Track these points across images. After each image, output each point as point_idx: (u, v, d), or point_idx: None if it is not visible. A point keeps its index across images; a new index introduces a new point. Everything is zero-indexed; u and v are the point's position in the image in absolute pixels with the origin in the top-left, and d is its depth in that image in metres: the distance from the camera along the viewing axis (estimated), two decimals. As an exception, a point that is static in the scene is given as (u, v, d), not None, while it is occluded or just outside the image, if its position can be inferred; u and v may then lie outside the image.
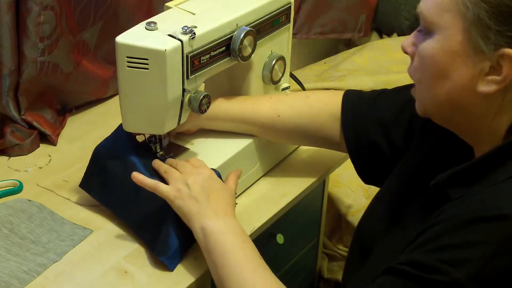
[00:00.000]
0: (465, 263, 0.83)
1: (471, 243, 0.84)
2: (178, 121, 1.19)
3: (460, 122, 0.96)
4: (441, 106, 0.94)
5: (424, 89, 0.95)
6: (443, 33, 0.89)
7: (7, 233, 1.19)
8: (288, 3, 1.33)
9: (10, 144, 1.42)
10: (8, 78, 1.36)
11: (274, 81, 1.36)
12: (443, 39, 0.89)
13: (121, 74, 1.13)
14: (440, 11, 0.89)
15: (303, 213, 1.50)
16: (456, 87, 0.90)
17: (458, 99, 0.91)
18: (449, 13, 0.88)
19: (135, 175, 1.14)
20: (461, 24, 0.87)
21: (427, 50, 0.91)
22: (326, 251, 1.79)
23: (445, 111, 0.95)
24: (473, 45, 0.87)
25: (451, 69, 0.90)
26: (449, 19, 0.88)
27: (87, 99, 1.60)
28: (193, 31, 1.12)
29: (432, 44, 0.91)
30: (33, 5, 1.31)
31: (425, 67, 0.92)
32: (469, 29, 0.87)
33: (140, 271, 1.13)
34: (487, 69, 0.88)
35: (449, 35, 0.88)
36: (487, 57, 0.87)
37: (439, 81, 0.92)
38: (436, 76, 0.91)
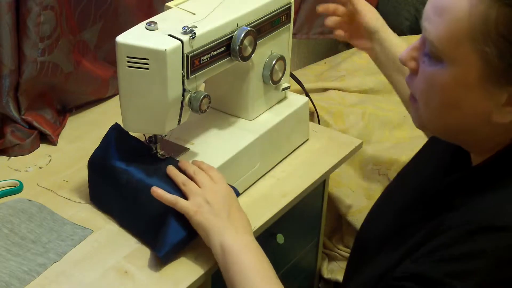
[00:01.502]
0: (471, 275, 0.82)
1: (475, 253, 0.82)
2: (178, 121, 1.19)
3: (464, 140, 0.93)
4: (447, 129, 0.91)
5: (431, 112, 0.90)
6: (457, 66, 0.83)
7: (7, 233, 1.19)
8: (288, 3, 1.33)
9: (10, 144, 1.42)
10: (8, 78, 1.36)
11: (274, 81, 1.36)
12: (457, 72, 0.83)
13: (122, 74, 1.13)
14: (454, 44, 0.82)
15: (303, 213, 1.50)
16: (468, 117, 0.86)
17: (468, 126, 0.88)
18: (464, 48, 0.81)
19: (154, 190, 1.13)
20: (480, 61, 0.81)
21: (437, 79, 0.85)
22: (326, 251, 1.79)
23: (451, 133, 0.92)
24: (491, 81, 0.82)
25: (464, 101, 0.85)
26: (465, 53, 0.81)
27: (87, 99, 1.60)
28: (193, 31, 1.12)
29: (443, 74, 0.85)
30: (33, 5, 1.31)
31: (434, 95, 0.87)
32: (488, 66, 0.81)
33: (140, 271, 1.13)
34: (504, 100, 0.83)
35: (464, 70, 0.83)
36: (505, 90, 0.82)
37: (449, 110, 0.87)
38: (446, 105, 0.87)
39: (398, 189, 1.13)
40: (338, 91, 1.96)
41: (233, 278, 1.04)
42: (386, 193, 1.17)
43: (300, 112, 1.44)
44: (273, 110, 1.41)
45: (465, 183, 0.92)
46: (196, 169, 1.17)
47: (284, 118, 1.39)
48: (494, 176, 0.88)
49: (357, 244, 1.18)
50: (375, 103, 1.92)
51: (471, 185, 0.90)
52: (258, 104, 1.38)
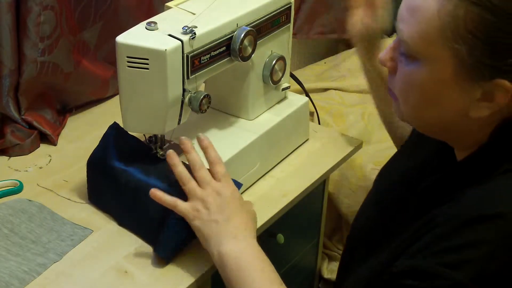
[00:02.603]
0: (466, 264, 0.83)
1: (470, 243, 0.83)
2: (179, 121, 1.19)
3: (445, 135, 0.96)
4: (428, 125, 0.94)
5: (410, 109, 0.93)
6: (431, 64, 0.86)
7: (7, 233, 1.19)
8: (288, 3, 1.33)
9: (10, 144, 1.42)
10: (8, 78, 1.36)
11: (274, 81, 1.36)
12: (431, 70, 0.87)
13: (122, 74, 1.13)
14: (426, 42, 0.85)
15: (303, 213, 1.50)
16: (446, 112, 0.89)
17: (447, 121, 0.91)
18: (437, 45, 0.84)
19: (153, 192, 1.11)
20: (452, 58, 0.84)
21: (414, 77, 0.89)
22: (326, 251, 1.79)
23: (431, 128, 0.95)
24: (464, 77, 0.85)
25: (440, 97, 0.88)
26: (438, 52, 0.85)
27: (87, 99, 1.60)
28: (193, 31, 1.12)
29: (418, 73, 0.88)
30: (33, 5, 1.31)
31: (412, 93, 0.90)
32: (460, 63, 0.84)
33: (140, 271, 1.13)
34: (479, 95, 0.86)
35: (438, 67, 0.86)
36: (479, 86, 0.85)
37: (427, 107, 0.90)
38: (424, 102, 0.90)
39: (382, 186, 1.14)
40: (338, 91, 1.96)
41: (233, 285, 1.03)
42: (371, 191, 1.18)
43: (300, 112, 1.44)
44: (273, 110, 1.41)
45: (452, 178, 0.93)
46: (199, 164, 1.12)
47: (284, 118, 1.39)
48: (479, 169, 0.90)
49: (347, 244, 1.18)
50: (375, 103, 1.92)
51: (458, 180, 0.92)
52: (258, 104, 1.38)
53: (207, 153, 1.14)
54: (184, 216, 1.10)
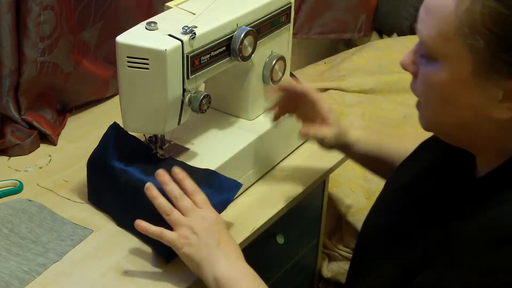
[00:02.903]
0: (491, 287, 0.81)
1: (497, 267, 0.81)
2: (178, 121, 1.19)
3: (467, 141, 0.93)
4: (449, 129, 0.92)
5: (431, 113, 0.92)
6: (450, 62, 0.85)
7: (7, 233, 1.19)
8: (288, 3, 1.33)
9: (10, 144, 1.42)
10: (8, 78, 1.36)
11: (274, 81, 1.36)
12: (450, 68, 0.85)
13: (121, 74, 1.13)
14: (445, 41, 0.84)
15: (303, 213, 1.50)
16: (467, 114, 0.87)
17: (468, 124, 0.88)
18: (455, 43, 0.83)
19: (137, 223, 1.09)
20: (470, 55, 0.82)
21: (433, 78, 0.87)
22: (326, 251, 1.79)
23: (452, 132, 0.92)
24: (484, 75, 0.83)
25: (461, 97, 0.86)
26: (456, 49, 0.83)
27: (87, 99, 1.60)
28: (193, 31, 1.12)
29: (438, 72, 0.86)
30: (33, 5, 1.31)
31: (432, 94, 0.89)
32: (479, 60, 0.82)
33: (140, 271, 1.13)
34: (501, 96, 0.83)
35: (457, 66, 0.84)
36: (500, 85, 0.83)
37: (447, 108, 0.88)
38: (445, 103, 0.88)
39: (395, 192, 1.11)
40: (338, 91, 1.96)
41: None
42: (383, 195, 1.15)
43: (300, 112, 1.44)
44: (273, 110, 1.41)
45: (476, 192, 0.90)
46: (179, 194, 1.10)
47: (284, 118, 1.39)
48: (504, 186, 0.87)
49: (358, 248, 1.16)
50: (375, 103, 1.92)
51: (483, 194, 0.89)
52: (258, 104, 1.38)
53: (184, 185, 1.11)
54: (172, 246, 1.07)
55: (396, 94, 1.97)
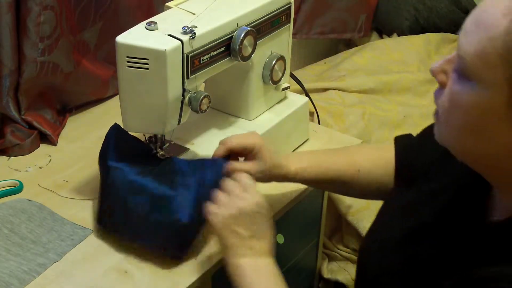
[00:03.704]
0: None
1: None
2: (179, 121, 1.19)
3: (488, 172, 0.87)
4: (468, 155, 0.86)
5: (450, 133, 0.85)
6: (485, 87, 0.78)
7: (7, 233, 1.19)
8: (288, 3, 1.33)
9: (10, 144, 1.42)
10: (8, 78, 1.36)
11: (274, 81, 1.36)
12: (483, 94, 0.78)
13: (121, 74, 1.13)
14: (485, 63, 0.77)
15: (303, 213, 1.50)
16: (491, 145, 0.81)
17: (489, 156, 0.83)
18: (495, 69, 0.76)
19: None
20: (509, 87, 0.76)
21: (462, 99, 0.80)
22: (326, 251, 1.79)
23: (471, 160, 0.87)
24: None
25: (487, 128, 0.80)
26: (495, 76, 0.76)
27: (87, 99, 1.60)
28: (193, 31, 1.12)
29: (469, 94, 0.79)
30: (33, 5, 1.31)
31: (457, 115, 0.82)
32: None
33: (140, 271, 1.13)
34: None
35: (492, 93, 0.77)
36: None
37: (470, 134, 0.82)
38: (469, 130, 0.82)
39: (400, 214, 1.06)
40: (338, 91, 1.96)
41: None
42: (384, 216, 1.11)
43: (300, 112, 1.44)
44: (273, 110, 1.41)
45: (500, 239, 0.85)
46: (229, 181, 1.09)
47: (284, 118, 1.39)
48: None
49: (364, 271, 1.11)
50: (375, 103, 1.92)
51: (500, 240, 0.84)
52: (258, 104, 1.38)
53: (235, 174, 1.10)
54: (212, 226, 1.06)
55: (396, 94, 1.97)
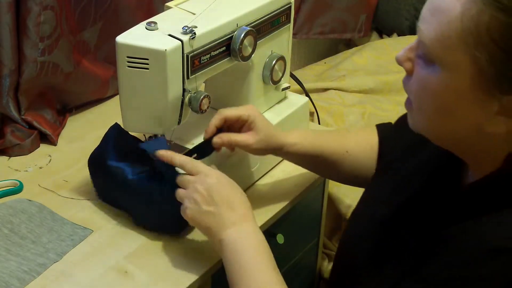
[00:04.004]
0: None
1: (482, 276, 0.80)
2: (179, 121, 1.19)
3: (459, 149, 0.91)
4: (441, 136, 0.90)
5: (424, 117, 0.89)
6: (449, 71, 0.81)
7: (7, 233, 1.19)
8: (288, 3, 1.33)
9: (10, 144, 1.42)
10: (8, 78, 1.36)
11: (274, 81, 1.36)
12: (448, 77, 0.82)
13: (121, 74, 1.13)
14: (446, 48, 0.80)
15: (303, 213, 1.50)
16: (460, 124, 0.85)
17: (461, 134, 0.86)
18: (456, 51, 0.79)
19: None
20: (471, 66, 0.79)
21: (430, 83, 0.84)
22: (326, 251, 1.79)
23: (444, 140, 0.90)
24: (482, 88, 0.80)
25: (456, 107, 0.83)
26: (457, 58, 0.80)
27: (87, 99, 1.60)
28: (193, 31, 1.12)
29: (435, 79, 0.83)
30: (33, 5, 1.31)
31: (427, 99, 0.86)
32: (480, 72, 0.79)
33: (140, 271, 1.13)
34: (496, 109, 0.81)
35: (455, 75, 0.81)
36: (497, 99, 0.80)
37: (441, 116, 0.86)
38: (438, 111, 0.85)
39: (375, 199, 1.10)
40: (338, 91, 1.96)
41: (231, 274, 1.01)
42: (362, 203, 1.14)
43: (300, 112, 1.44)
44: (273, 110, 1.41)
45: (464, 202, 0.89)
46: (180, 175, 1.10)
47: (284, 118, 1.39)
48: (497, 195, 0.86)
49: (339, 260, 1.15)
50: (375, 103, 1.92)
51: (471, 204, 0.88)
52: (258, 104, 1.37)
53: (174, 162, 1.11)
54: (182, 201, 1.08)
55: (396, 94, 1.97)
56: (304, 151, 1.22)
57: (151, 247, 1.18)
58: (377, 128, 1.27)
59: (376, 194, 1.11)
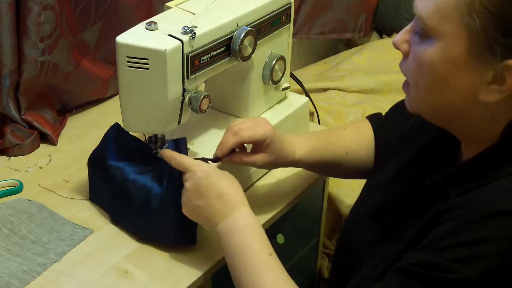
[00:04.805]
0: (477, 260, 0.83)
1: (482, 239, 0.83)
2: (179, 121, 1.19)
3: (456, 123, 0.94)
4: (438, 110, 0.92)
5: (420, 93, 0.92)
6: (445, 41, 0.85)
7: (8, 233, 1.19)
8: (288, 3, 1.33)
9: (10, 144, 1.42)
10: (8, 78, 1.36)
11: (274, 81, 1.36)
12: (444, 47, 0.86)
13: (121, 74, 1.13)
14: (441, 18, 0.84)
15: (303, 213, 1.50)
16: (456, 95, 0.88)
17: (457, 106, 0.89)
18: (451, 21, 0.84)
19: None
20: (465, 34, 0.83)
21: (426, 56, 0.88)
22: (326, 251, 1.79)
23: (441, 114, 0.93)
24: (477, 56, 0.84)
25: (452, 77, 0.87)
26: (452, 28, 0.84)
27: (87, 99, 1.60)
28: (193, 31, 1.12)
29: (431, 50, 0.87)
30: (33, 5, 1.31)
31: (423, 73, 0.89)
32: (474, 40, 0.83)
33: (140, 271, 1.13)
34: (490, 78, 0.85)
35: (451, 44, 0.85)
36: (491, 67, 0.84)
37: (437, 88, 0.89)
38: (435, 83, 0.89)
39: (375, 187, 1.13)
40: (338, 91, 1.96)
41: (228, 262, 1.03)
42: (365, 192, 1.17)
43: (300, 112, 1.44)
44: (273, 110, 1.41)
45: (462, 175, 0.92)
46: None
47: (284, 118, 1.39)
48: (491, 167, 0.89)
49: (341, 248, 1.17)
50: (375, 103, 1.92)
51: (468, 177, 0.91)
52: (258, 104, 1.38)
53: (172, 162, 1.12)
54: None
55: (396, 94, 1.97)
56: (308, 164, 1.25)
57: (151, 247, 1.18)
58: (369, 120, 1.29)
59: (376, 183, 1.14)
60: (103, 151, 1.23)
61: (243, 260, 1.01)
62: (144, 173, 1.19)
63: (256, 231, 1.05)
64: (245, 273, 1.01)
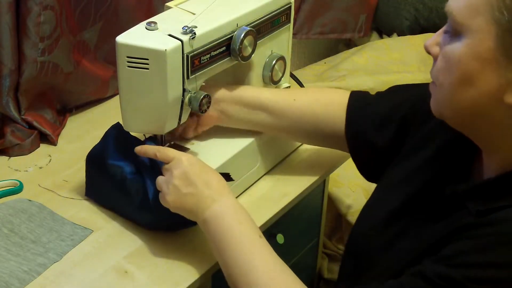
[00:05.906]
0: (494, 283, 0.83)
1: (500, 263, 0.83)
2: (179, 121, 1.19)
3: (478, 128, 0.92)
4: (461, 111, 0.90)
5: (445, 92, 0.90)
6: (474, 37, 0.84)
7: (7, 233, 1.19)
8: (288, 3, 1.33)
9: (10, 144, 1.42)
10: (8, 78, 1.36)
11: (274, 81, 1.36)
12: (472, 43, 0.84)
13: (121, 74, 1.13)
14: (472, 14, 0.83)
15: (303, 213, 1.50)
16: (481, 95, 0.86)
17: (481, 107, 0.87)
18: (482, 16, 0.83)
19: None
20: (494, 30, 0.82)
21: (454, 53, 0.86)
22: (326, 251, 1.79)
23: (465, 117, 0.91)
24: (505, 53, 0.82)
25: (478, 75, 0.85)
26: (482, 23, 0.83)
27: (87, 99, 1.60)
28: (193, 31, 1.12)
29: (460, 47, 0.86)
30: (33, 5, 1.31)
31: (450, 71, 0.87)
32: (503, 36, 0.82)
33: (140, 271, 1.13)
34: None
35: (479, 40, 0.84)
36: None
37: (463, 87, 0.87)
38: (461, 81, 0.87)
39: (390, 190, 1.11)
40: (338, 91, 1.96)
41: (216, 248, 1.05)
42: (376, 194, 1.16)
43: (300, 112, 1.44)
44: (273, 110, 1.41)
45: (484, 193, 0.90)
46: None
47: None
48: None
49: (350, 249, 1.16)
50: (375, 103, 1.92)
51: (490, 195, 0.89)
52: (258, 104, 1.37)
53: (148, 154, 1.16)
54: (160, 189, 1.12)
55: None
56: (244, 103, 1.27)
57: (151, 247, 1.18)
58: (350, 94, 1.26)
59: (389, 183, 1.13)
60: (103, 150, 1.23)
61: (233, 240, 1.03)
62: (142, 172, 1.19)
63: (244, 215, 1.07)
64: (234, 254, 1.02)
